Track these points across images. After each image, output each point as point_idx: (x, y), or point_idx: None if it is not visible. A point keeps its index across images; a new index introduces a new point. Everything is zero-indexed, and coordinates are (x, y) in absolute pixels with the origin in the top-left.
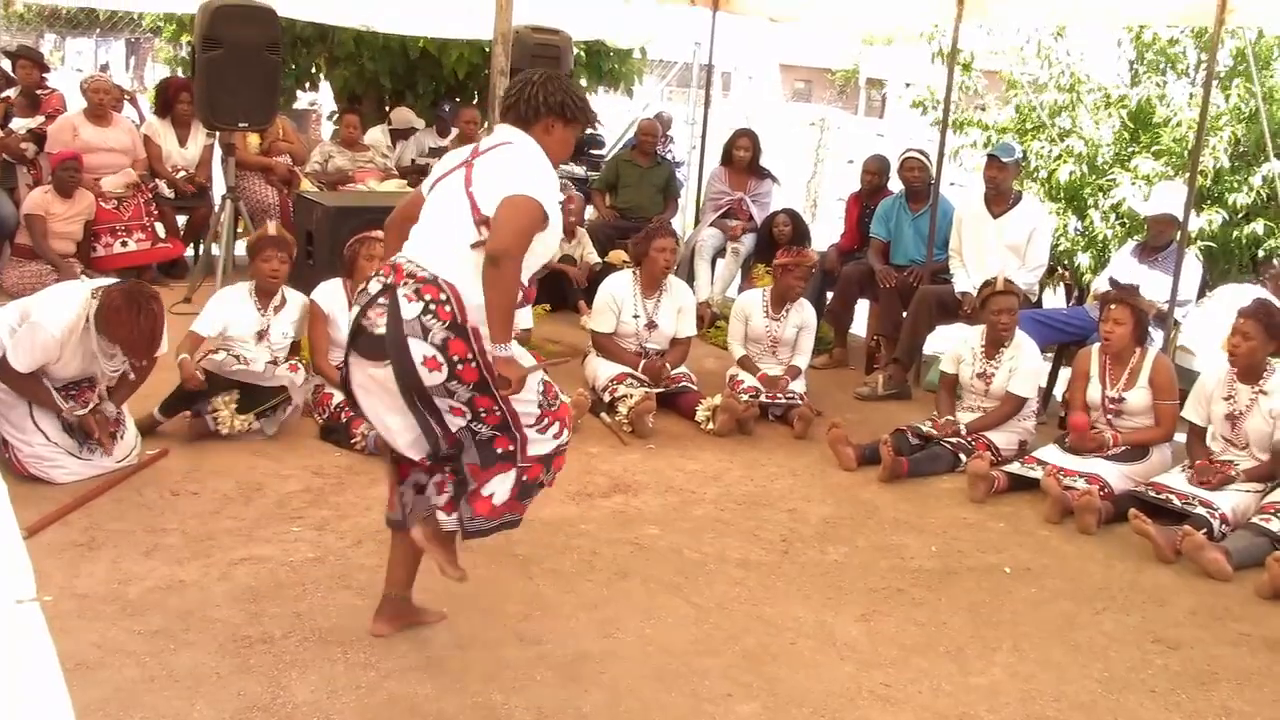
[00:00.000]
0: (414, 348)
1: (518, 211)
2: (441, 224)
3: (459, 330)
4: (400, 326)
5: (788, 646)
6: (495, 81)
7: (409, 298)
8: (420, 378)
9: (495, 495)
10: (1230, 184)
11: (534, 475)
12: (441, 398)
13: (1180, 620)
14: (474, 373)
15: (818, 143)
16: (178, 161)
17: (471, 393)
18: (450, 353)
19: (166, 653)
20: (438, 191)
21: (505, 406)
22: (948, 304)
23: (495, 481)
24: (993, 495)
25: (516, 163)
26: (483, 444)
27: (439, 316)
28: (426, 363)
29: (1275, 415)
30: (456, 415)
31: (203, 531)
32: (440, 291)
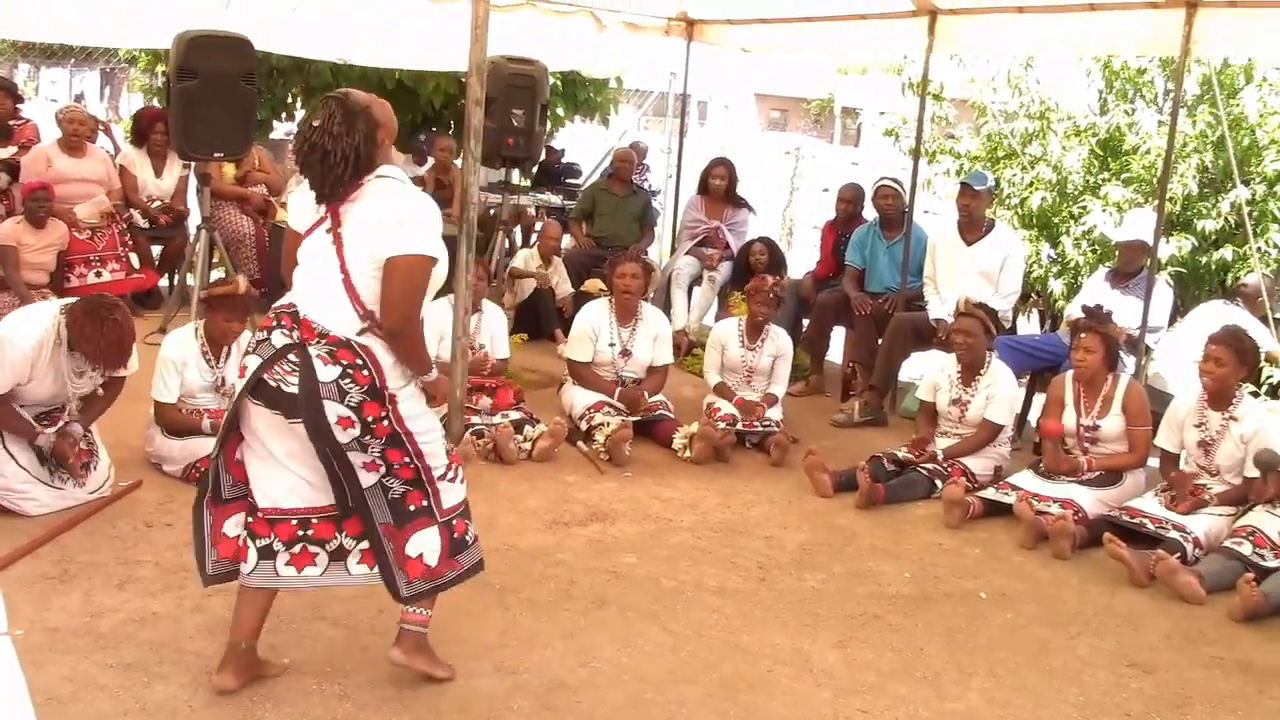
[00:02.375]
0: (329, 409)
1: (407, 276)
2: (329, 297)
3: (376, 394)
4: (316, 389)
5: (765, 674)
6: (471, 111)
7: (324, 359)
8: (334, 436)
9: (425, 555)
10: (1199, 210)
11: (461, 530)
12: (355, 452)
13: (1155, 644)
14: (386, 429)
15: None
16: (153, 192)
17: (384, 446)
18: (364, 414)
19: (139, 686)
20: (313, 255)
21: (418, 459)
22: (922, 331)
23: (419, 540)
24: (968, 521)
25: (383, 215)
26: (395, 502)
27: (357, 381)
28: (340, 422)
29: (1246, 440)
30: (370, 470)
31: (177, 563)
32: (356, 356)
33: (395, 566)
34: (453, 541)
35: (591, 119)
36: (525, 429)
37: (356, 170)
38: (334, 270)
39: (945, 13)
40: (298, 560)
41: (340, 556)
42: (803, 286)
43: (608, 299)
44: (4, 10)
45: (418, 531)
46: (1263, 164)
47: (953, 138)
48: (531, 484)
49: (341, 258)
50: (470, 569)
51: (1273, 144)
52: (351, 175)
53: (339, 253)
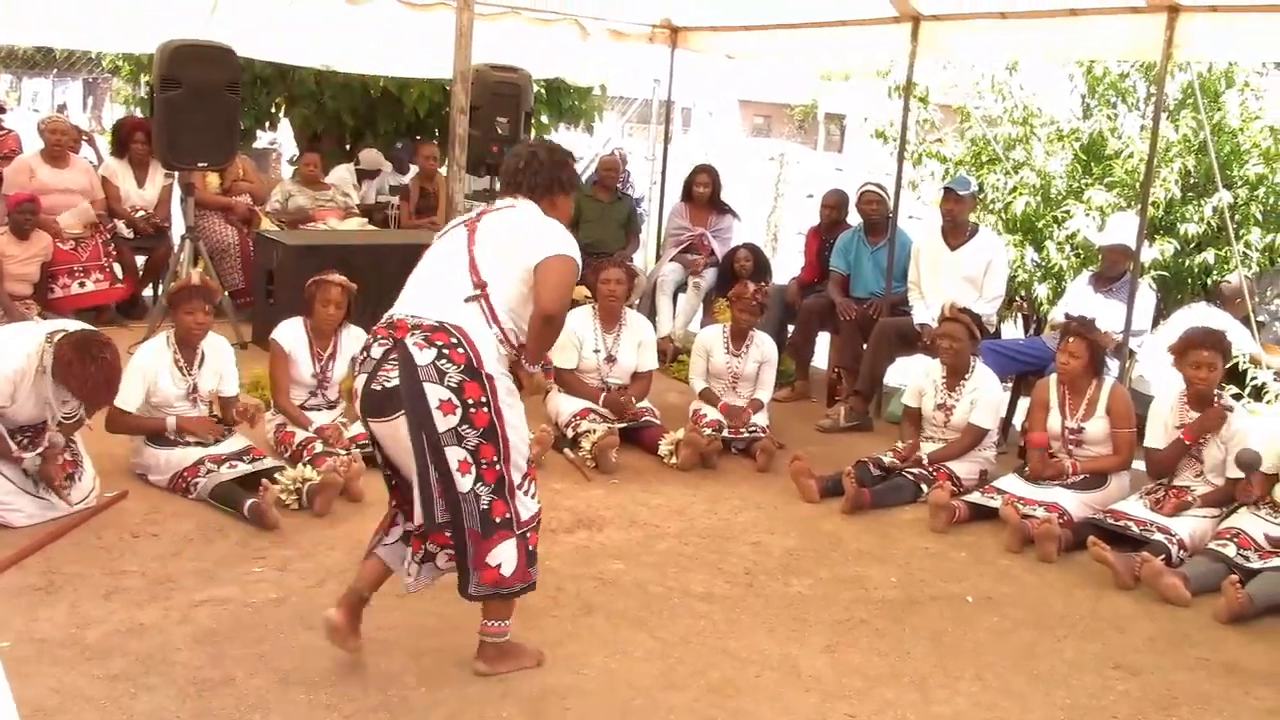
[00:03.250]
0: (430, 392)
1: (561, 272)
2: (439, 278)
3: (474, 374)
4: (416, 373)
5: (753, 679)
6: (455, 119)
7: (419, 345)
8: (435, 423)
9: (503, 566)
10: (1181, 214)
11: (534, 541)
12: (452, 446)
13: (1140, 646)
14: (485, 418)
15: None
16: (136, 202)
17: (480, 439)
18: (465, 395)
19: (126, 697)
20: (437, 248)
21: (504, 463)
22: (907, 336)
23: (499, 551)
24: (954, 525)
25: (534, 226)
26: (484, 512)
27: (453, 360)
28: (442, 406)
29: (1227, 441)
30: (465, 472)
31: (163, 573)
32: (450, 336)
33: (472, 568)
34: (527, 554)
35: (576, 126)
36: None
37: (535, 187)
38: (460, 249)
39: (928, 19)
40: None
41: (429, 558)
42: (788, 292)
43: (592, 306)
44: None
45: (501, 543)
46: (1244, 168)
47: (939, 141)
48: None
49: (471, 239)
50: (535, 582)
51: (1254, 148)
52: (531, 185)
53: (470, 236)
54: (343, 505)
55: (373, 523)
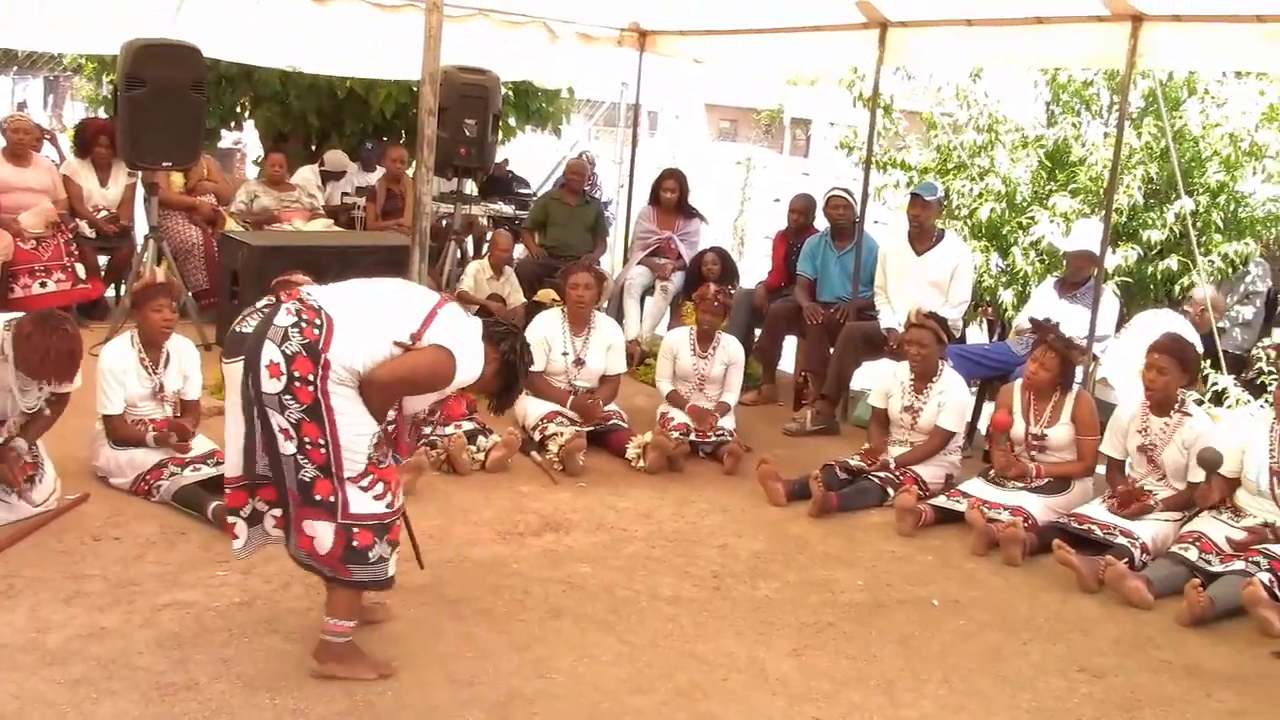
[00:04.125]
0: (266, 349)
1: (434, 363)
2: (385, 306)
3: (313, 352)
4: (266, 328)
5: (720, 683)
6: (424, 120)
7: (288, 311)
8: (260, 380)
9: (318, 540)
10: (1144, 221)
11: (365, 541)
12: (275, 411)
13: (1104, 649)
14: (309, 395)
15: (744, 182)
16: (99, 201)
17: (302, 414)
18: (294, 366)
19: (88, 702)
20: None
21: (332, 448)
22: (873, 340)
23: (316, 525)
24: (920, 528)
25: (468, 327)
26: (304, 484)
27: (303, 333)
28: (270, 367)
29: (1188, 446)
30: (287, 439)
31: (125, 577)
32: (318, 317)
33: (293, 527)
34: (348, 549)
35: (543, 129)
36: (478, 439)
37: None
38: (426, 301)
39: (895, 25)
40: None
41: (257, 519)
42: (755, 296)
43: (560, 309)
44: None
45: (316, 520)
46: (1206, 175)
47: (905, 149)
48: (485, 495)
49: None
50: (359, 583)
51: (1215, 155)
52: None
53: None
54: None
55: None
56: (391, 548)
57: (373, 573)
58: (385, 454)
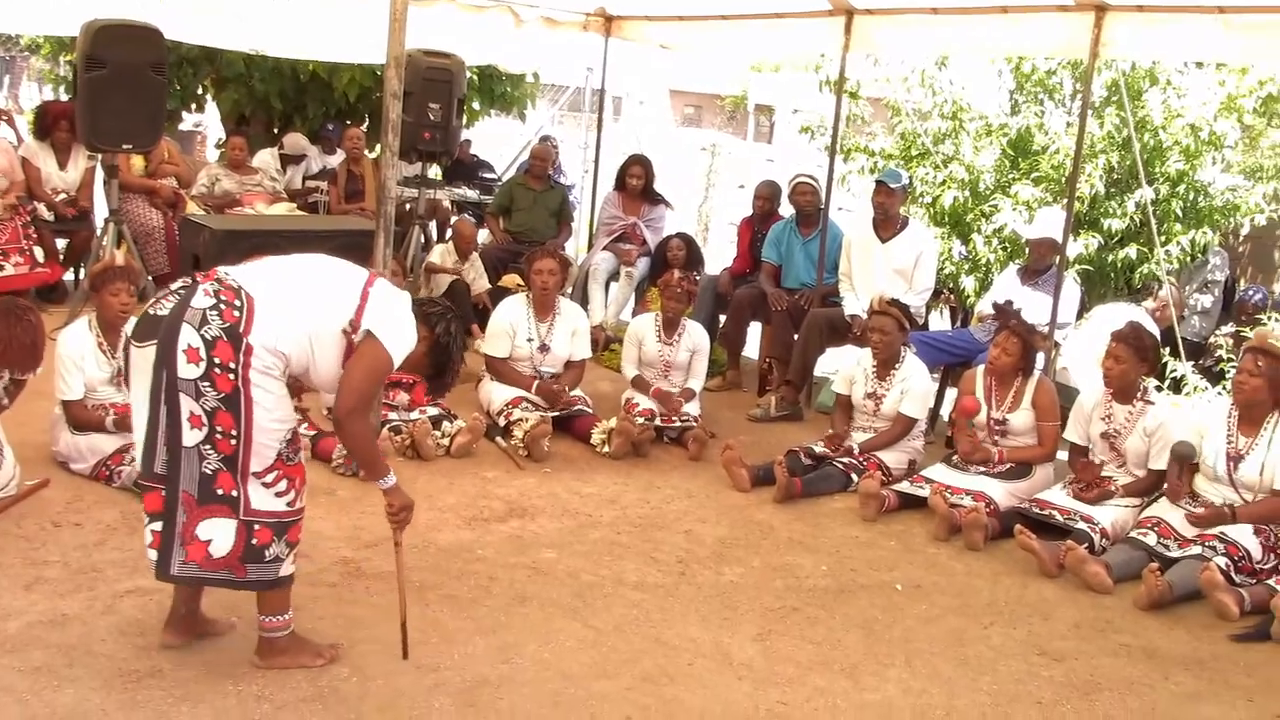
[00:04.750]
0: (184, 333)
1: (373, 360)
2: (315, 287)
3: (234, 337)
4: (183, 310)
5: (685, 668)
6: (389, 104)
7: (206, 292)
8: (176, 365)
9: (214, 544)
10: (1105, 209)
11: (263, 539)
12: (189, 398)
13: (1064, 633)
14: (229, 384)
15: (709, 168)
16: (57, 184)
17: (219, 403)
18: (214, 352)
19: (49, 690)
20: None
21: (244, 441)
22: (838, 326)
23: (212, 526)
24: (884, 514)
25: (399, 303)
26: (205, 477)
27: (223, 316)
28: (187, 352)
29: (1150, 433)
30: (195, 427)
31: (86, 563)
32: (238, 298)
33: (178, 540)
34: (248, 547)
35: (508, 114)
36: (443, 425)
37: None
38: (358, 284)
39: (861, 13)
40: None
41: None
42: (719, 282)
43: (525, 294)
44: None
45: (215, 517)
46: (1166, 165)
47: (870, 136)
48: (450, 480)
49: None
50: (253, 583)
51: (1176, 145)
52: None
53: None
54: None
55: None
56: (289, 548)
57: (266, 571)
58: (296, 451)
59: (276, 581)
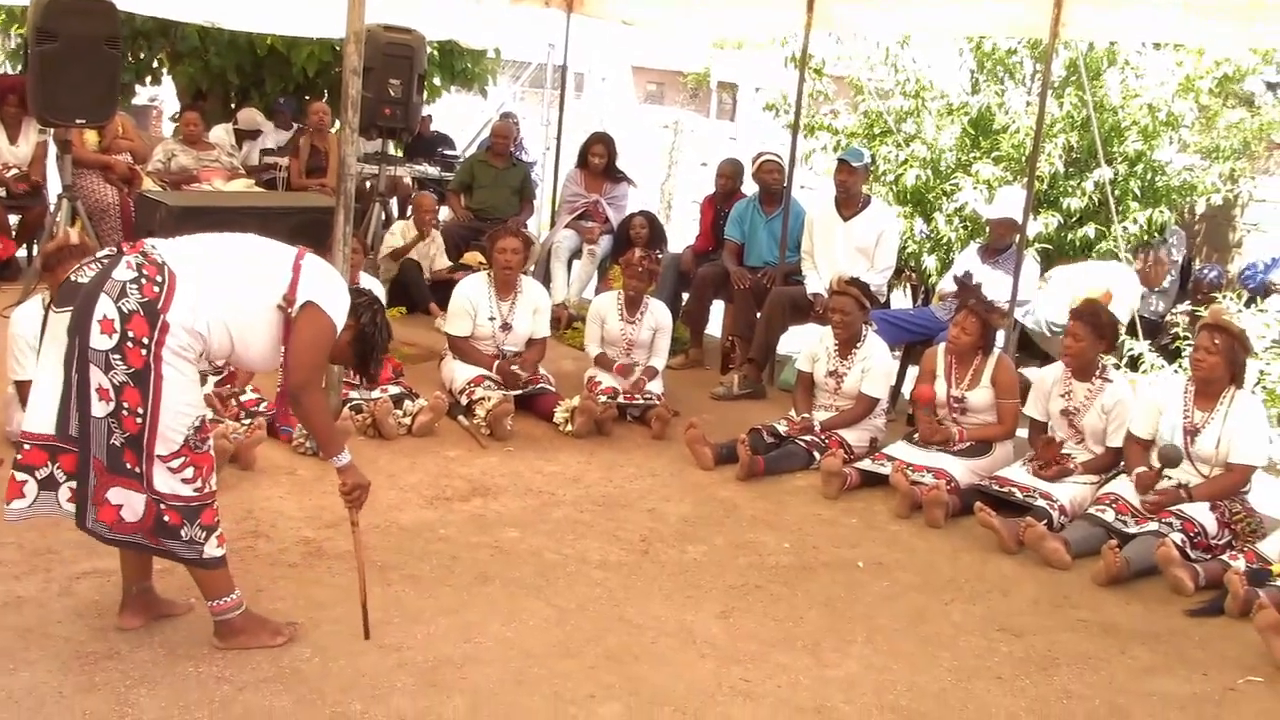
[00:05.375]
0: (101, 303)
1: (315, 328)
2: (245, 265)
3: (152, 312)
4: (103, 280)
5: (649, 646)
6: (349, 80)
7: (129, 265)
8: (90, 335)
9: (124, 509)
10: (1065, 189)
11: (174, 520)
12: (99, 370)
13: (1023, 609)
14: (140, 359)
15: (672, 145)
16: (8, 159)
17: (128, 378)
18: (129, 325)
19: (5, 673)
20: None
21: (150, 421)
22: (800, 305)
23: (122, 494)
24: (846, 492)
25: (333, 275)
26: (113, 449)
27: (142, 291)
28: (103, 322)
29: (1108, 411)
30: (103, 399)
31: (42, 545)
32: (160, 274)
33: (90, 500)
34: (160, 523)
35: (469, 90)
36: (405, 404)
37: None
38: (285, 259)
39: None
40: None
41: (51, 486)
42: (682, 260)
43: (486, 273)
44: None
45: (125, 488)
46: (1124, 144)
47: (833, 114)
48: (412, 459)
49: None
50: (169, 553)
51: (1134, 125)
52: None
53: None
54: (231, 474)
55: (264, 490)
56: (206, 531)
57: (189, 550)
58: (204, 440)
59: (203, 562)
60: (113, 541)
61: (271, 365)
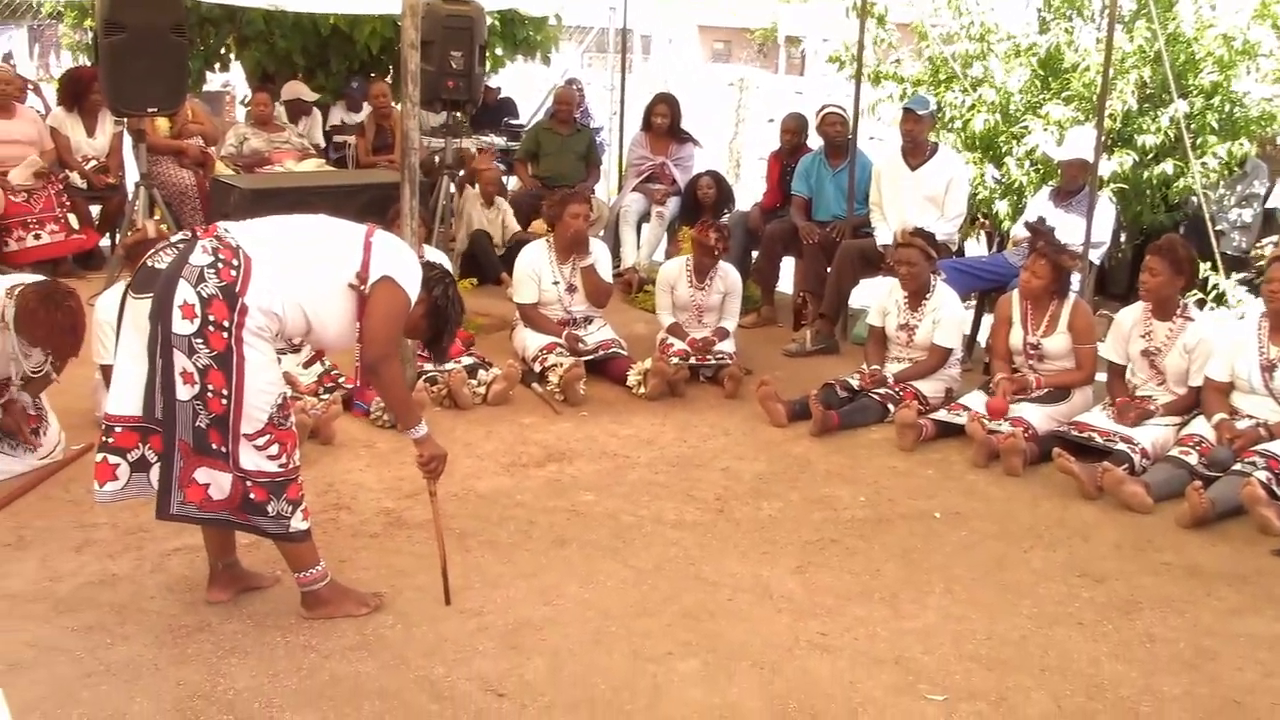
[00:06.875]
0: (180, 289)
1: (390, 301)
2: (316, 245)
3: (229, 295)
4: (180, 266)
5: (725, 603)
6: (407, 54)
7: (204, 249)
8: (172, 320)
9: (212, 488)
10: (1139, 126)
11: (260, 497)
12: (182, 354)
13: (1105, 554)
14: (222, 342)
15: (738, 103)
16: (87, 151)
17: (210, 361)
18: (209, 309)
19: (102, 648)
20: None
21: (235, 401)
22: (870, 257)
23: (209, 473)
24: (921, 443)
25: (404, 250)
26: (199, 431)
27: (220, 275)
28: (183, 308)
29: (1190, 350)
30: (187, 383)
31: (134, 524)
32: (236, 257)
33: (175, 483)
34: (246, 500)
35: (532, 58)
36: (479, 374)
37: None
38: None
39: None
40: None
41: (143, 468)
42: (750, 218)
43: (546, 239)
44: None
45: (211, 468)
46: (1200, 77)
47: (897, 63)
48: (488, 428)
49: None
50: (256, 529)
51: (1209, 56)
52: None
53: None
54: (312, 448)
55: (345, 464)
56: (291, 505)
57: (276, 525)
58: (286, 416)
59: (290, 536)
60: (201, 520)
61: (347, 343)
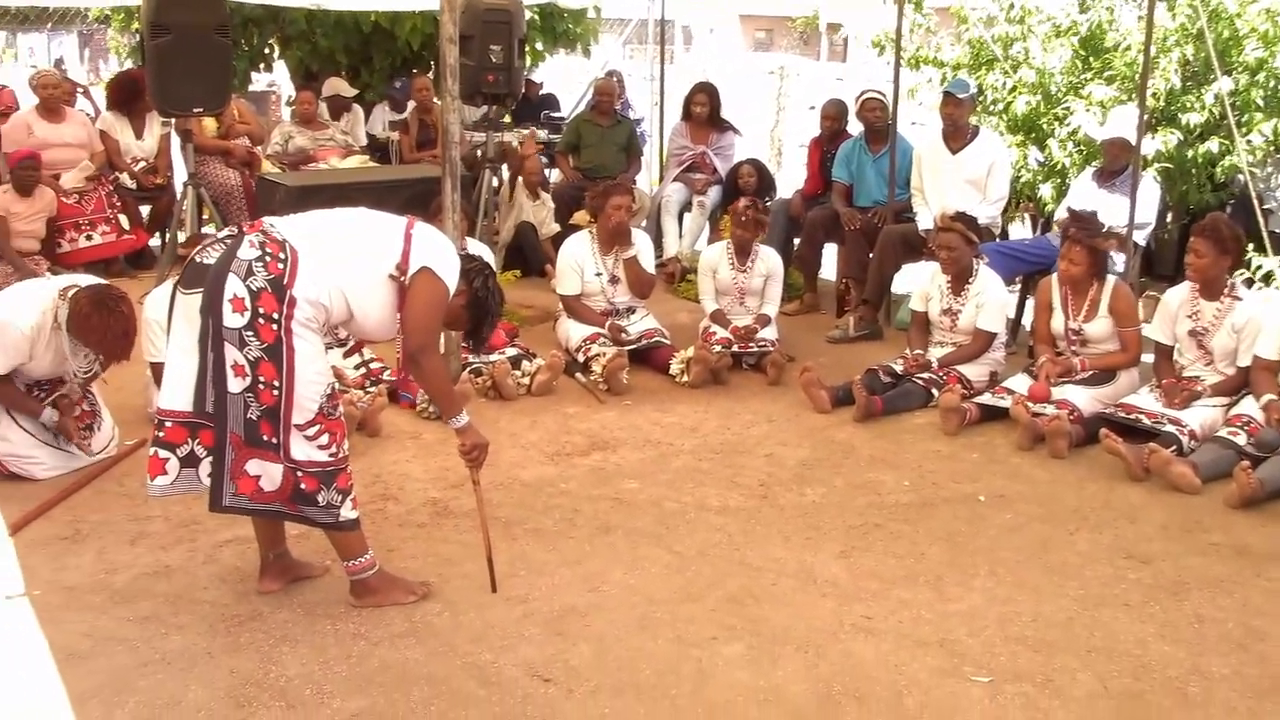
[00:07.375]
0: (230, 283)
1: (430, 292)
2: (357, 237)
3: (279, 288)
4: (229, 260)
5: (769, 588)
6: (445, 49)
7: (252, 244)
8: (222, 314)
9: (263, 479)
10: (1183, 104)
11: (311, 486)
12: (233, 346)
13: (1152, 535)
14: (272, 334)
15: (778, 90)
16: (136, 153)
17: (261, 353)
18: (259, 302)
19: (158, 637)
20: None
21: (286, 390)
22: (912, 242)
23: (260, 465)
24: (965, 427)
25: (443, 242)
26: (250, 423)
27: (268, 268)
28: (233, 301)
29: (1238, 329)
30: (239, 376)
31: (186, 516)
32: (282, 250)
33: (227, 476)
34: (297, 490)
35: (572, 50)
36: (522, 364)
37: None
38: (399, 228)
39: None
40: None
41: (192, 463)
42: (792, 205)
43: (589, 231)
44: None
45: (264, 460)
46: (1243, 53)
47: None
48: (532, 418)
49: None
50: (307, 519)
51: (1253, 32)
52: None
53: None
54: (359, 440)
55: (391, 455)
56: (341, 495)
57: (327, 515)
58: (335, 406)
59: (339, 525)
60: (252, 511)
61: (389, 334)
